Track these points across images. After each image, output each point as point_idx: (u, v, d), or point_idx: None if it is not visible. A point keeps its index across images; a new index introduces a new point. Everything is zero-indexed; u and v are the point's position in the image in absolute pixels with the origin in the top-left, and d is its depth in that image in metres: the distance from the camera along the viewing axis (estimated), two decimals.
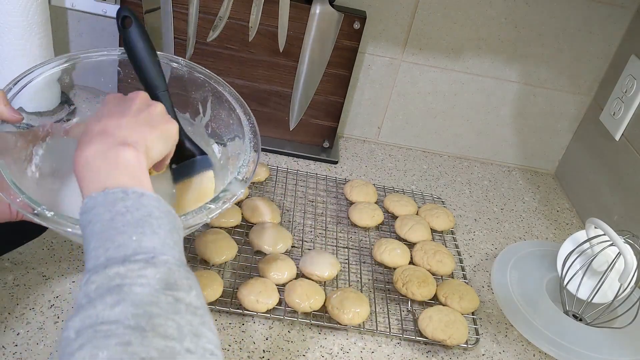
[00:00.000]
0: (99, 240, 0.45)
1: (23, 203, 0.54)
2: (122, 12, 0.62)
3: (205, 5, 0.98)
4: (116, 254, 0.44)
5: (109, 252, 0.44)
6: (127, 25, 0.62)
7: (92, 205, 0.47)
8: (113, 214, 0.46)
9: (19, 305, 0.71)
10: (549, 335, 0.81)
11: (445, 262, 0.89)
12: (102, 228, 0.46)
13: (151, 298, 0.41)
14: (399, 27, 1.09)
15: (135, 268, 0.42)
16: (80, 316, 0.40)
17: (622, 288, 0.82)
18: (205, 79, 0.71)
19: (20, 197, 0.54)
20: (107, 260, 0.43)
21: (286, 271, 0.81)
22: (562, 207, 1.16)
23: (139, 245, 0.45)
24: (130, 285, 0.41)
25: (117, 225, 0.45)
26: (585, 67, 1.14)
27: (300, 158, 1.11)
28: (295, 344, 0.74)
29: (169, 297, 0.42)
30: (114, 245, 0.44)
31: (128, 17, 0.62)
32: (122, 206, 0.46)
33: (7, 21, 0.91)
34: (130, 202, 0.47)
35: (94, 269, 0.43)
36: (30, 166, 0.64)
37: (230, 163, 0.69)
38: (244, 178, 0.63)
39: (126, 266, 0.42)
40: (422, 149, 1.24)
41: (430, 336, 0.77)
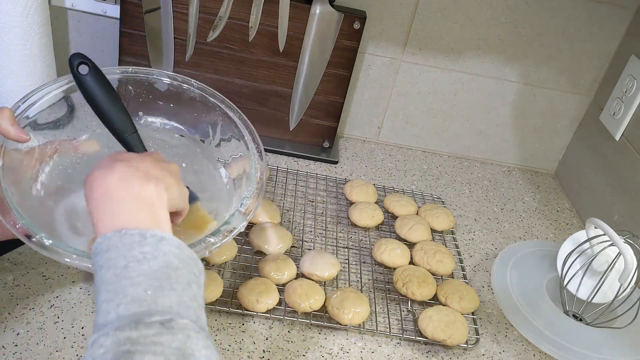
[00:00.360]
0: (110, 292, 0.41)
1: (22, 229, 0.53)
2: (77, 59, 0.57)
3: (205, 5, 0.98)
4: (128, 310, 0.40)
5: (120, 307, 0.40)
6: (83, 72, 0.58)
7: (106, 248, 0.43)
8: (128, 261, 0.42)
9: (19, 305, 0.71)
10: (549, 335, 0.81)
11: (445, 262, 0.89)
12: (115, 277, 0.42)
13: None
14: (399, 27, 1.09)
15: (150, 334, 0.39)
16: None
17: (622, 288, 0.82)
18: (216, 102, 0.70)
19: (20, 223, 0.53)
20: (118, 318, 0.40)
21: (286, 271, 0.81)
22: (562, 207, 1.16)
23: (154, 302, 0.41)
24: (142, 354, 0.37)
25: (131, 275, 0.42)
26: (585, 67, 1.14)
27: (300, 158, 1.11)
28: (295, 344, 0.74)
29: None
30: (126, 299, 0.40)
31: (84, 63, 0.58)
32: (138, 252, 0.43)
33: (7, 21, 0.91)
34: (148, 248, 0.43)
35: (104, 327, 0.39)
36: (35, 184, 0.63)
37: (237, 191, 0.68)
38: (246, 211, 0.61)
39: (139, 330, 0.38)
40: (422, 149, 1.24)
41: (430, 336, 0.77)
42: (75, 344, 0.68)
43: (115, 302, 0.41)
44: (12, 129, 0.59)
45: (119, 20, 1.01)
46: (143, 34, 1.01)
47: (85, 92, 0.58)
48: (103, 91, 0.58)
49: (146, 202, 0.47)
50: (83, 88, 0.58)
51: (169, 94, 0.71)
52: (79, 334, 0.69)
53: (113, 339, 0.38)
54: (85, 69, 0.58)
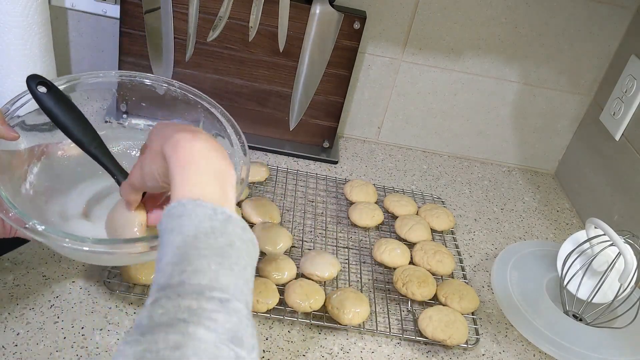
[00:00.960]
0: (176, 256, 0.43)
1: (15, 217, 0.55)
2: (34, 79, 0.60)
3: (205, 5, 0.98)
4: (192, 279, 0.42)
5: (184, 274, 0.42)
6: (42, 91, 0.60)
7: (179, 213, 0.46)
8: (198, 231, 0.44)
9: (19, 305, 0.71)
10: (549, 335, 0.81)
11: (445, 262, 0.89)
12: (183, 243, 0.44)
13: (214, 350, 0.39)
14: (399, 27, 1.09)
15: (208, 308, 0.40)
16: (140, 346, 0.39)
17: (622, 288, 0.82)
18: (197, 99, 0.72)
19: (13, 212, 0.55)
20: (181, 284, 0.42)
21: (286, 271, 0.81)
22: (562, 207, 1.16)
23: (216, 278, 0.43)
24: (197, 325, 0.39)
25: (198, 246, 0.44)
26: (585, 67, 1.14)
27: (300, 158, 1.11)
28: (295, 344, 0.74)
29: (231, 353, 0.40)
30: (191, 267, 0.43)
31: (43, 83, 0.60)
32: (208, 226, 0.45)
33: (7, 21, 0.91)
34: (217, 224, 0.46)
35: (166, 288, 0.42)
36: (24, 184, 0.65)
37: None
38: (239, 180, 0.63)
39: (200, 302, 0.40)
40: (422, 149, 1.24)
41: (430, 336, 0.77)
42: (75, 344, 0.68)
43: (180, 267, 0.42)
44: (3, 127, 0.61)
45: (119, 20, 1.01)
46: (143, 34, 1.01)
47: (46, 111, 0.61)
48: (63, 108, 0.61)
49: (220, 179, 0.49)
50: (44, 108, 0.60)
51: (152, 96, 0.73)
52: (79, 334, 0.69)
53: (174, 304, 0.40)
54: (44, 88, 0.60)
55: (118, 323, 0.71)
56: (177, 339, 0.38)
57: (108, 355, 0.67)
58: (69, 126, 0.61)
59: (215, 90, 1.06)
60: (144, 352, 0.38)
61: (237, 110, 1.09)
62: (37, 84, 0.60)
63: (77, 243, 0.55)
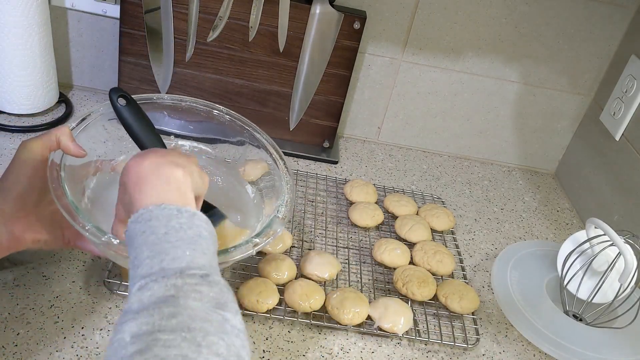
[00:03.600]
0: (153, 251, 0.47)
1: (92, 231, 0.58)
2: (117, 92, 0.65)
3: (205, 5, 0.98)
4: (171, 265, 0.46)
5: (163, 262, 0.46)
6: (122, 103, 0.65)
7: (147, 217, 0.49)
8: (168, 229, 0.49)
9: (19, 305, 0.71)
10: (549, 335, 0.81)
11: (445, 262, 0.89)
12: (157, 240, 0.48)
13: (205, 315, 0.43)
14: (399, 27, 1.09)
15: (192, 282, 0.45)
16: (136, 322, 0.42)
17: (622, 288, 0.82)
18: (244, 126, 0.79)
19: (89, 226, 0.58)
20: (162, 270, 0.46)
21: (286, 271, 0.81)
22: (562, 207, 1.16)
23: (192, 260, 0.47)
24: (186, 298, 0.43)
25: (170, 240, 0.48)
26: (585, 67, 1.14)
27: (300, 158, 1.11)
28: (295, 344, 0.74)
29: (219, 317, 0.44)
30: (168, 257, 0.47)
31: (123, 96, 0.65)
32: (176, 222, 0.49)
33: (7, 21, 0.91)
34: (184, 220, 0.50)
35: (149, 276, 0.45)
36: (84, 198, 0.69)
37: (265, 203, 0.76)
38: (283, 216, 0.68)
39: (183, 279, 0.45)
40: (422, 149, 1.24)
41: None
42: (75, 344, 0.68)
43: (158, 258, 0.47)
44: (72, 145, 0.64)
45: (119, 20, 1.01)
46: (143, 34, 1.01)
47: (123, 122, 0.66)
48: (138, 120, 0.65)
49: (175, 185, 0.53)
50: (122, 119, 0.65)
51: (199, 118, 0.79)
52: (79, 334, 0.69)
53: (160, 284, 0.44)
54: (123, 101, 0.65)
55: None
56: (170, 310, 0.42)
57: None
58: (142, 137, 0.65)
59: (215, 90, 1.07)
60: (141, 325, 0.41)
61: (237, 110, 1.08)
62: (118, 97, 0.65)
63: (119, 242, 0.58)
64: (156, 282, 0.45)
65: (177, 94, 0.80)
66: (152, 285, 0.44)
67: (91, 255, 0.80)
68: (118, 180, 0.56)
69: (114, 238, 0.58)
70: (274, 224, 0.67)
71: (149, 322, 0.41)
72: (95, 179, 0.72)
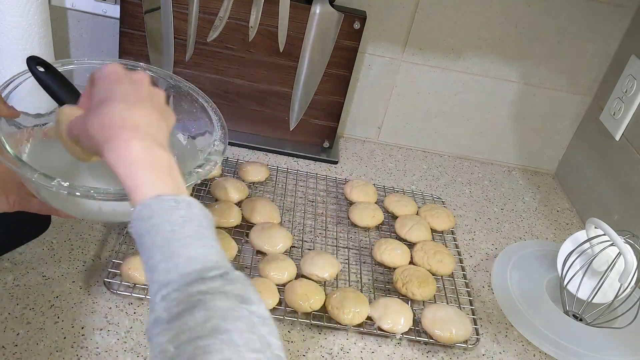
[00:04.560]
0: (164, 254, 0.47)
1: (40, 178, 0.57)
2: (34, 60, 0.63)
3: (205, 5, 0.98)
4: (187, 268, 0.46)
5: (179, 267, 0.46)
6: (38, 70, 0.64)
7: (148, 215, 0.48)
8: (172, 226, 0.48)
9: (19, 305, 0.71)
10: (549, 335, 0.81)
11: (445, 262, 0.89)
12: (165, 241, 0.47)
13: (234, 313, 0.44)
14: (399, 27, 1.09)
15: (216, 285, 0.45)
16: (172, 332, 0.42)
17: (622, 288, 0.81)
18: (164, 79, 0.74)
19: (35, 175, 0.57)
20: (181, 276, 0.45)
21: (286, 271, 0.81)
22: (562, 207, 1.16)
23: (206, 258, 0.47)
24: (213, 300, 0.44)
25: (179, 237, 0.48)
26: (585, 67, 1.14)
27: (300, 158, 1.11)
28: (295, 344, 0.74)
29: (245, 311, 0.44)
30: (182, 259, 0.46)
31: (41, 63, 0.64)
32: (177, 217, 0.48)
33: (7, 21, 0.91)
34: (183, 212, 0.49)
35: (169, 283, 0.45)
36: None
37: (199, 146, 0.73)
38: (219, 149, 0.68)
39: (207, 284, 0.45)
40: (422, 149, 1.24)
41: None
42: (75, 344, 0.68)
43: (173, 262, 0.46)
44: (3, 106, 0.63)
45: (119, 20, 1.01)
46: (143, 34, 1.01)
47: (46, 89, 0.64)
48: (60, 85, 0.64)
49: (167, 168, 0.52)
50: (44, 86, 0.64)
51: None
52: (79, 334, 0.69)
53: (184, 293, 0.44)
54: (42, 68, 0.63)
55: (118, 323, 0.71)
56: (203, 314, 0.43)
57: (108, 355, 0.67)
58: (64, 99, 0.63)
59: (215, 90, 1.06)
60: (178, 335, 0.42)
61: (237, 110, 1.09)
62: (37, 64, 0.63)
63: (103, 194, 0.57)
64: (180, 292, 0.44)
65: None
66: (176, 295, 0.44)
67: (91, 255, 0.80)
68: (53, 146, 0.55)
69: (63, 181, 0.56)
70: (212, 155, 0.67)
71: (185, 329, 0.42)
72: (30, 145, 0.70)
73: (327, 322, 0.77)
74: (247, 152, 1.09)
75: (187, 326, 0.42)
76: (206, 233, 0.49)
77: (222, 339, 0.42)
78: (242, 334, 0.43)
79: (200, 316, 0.43)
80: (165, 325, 0.43)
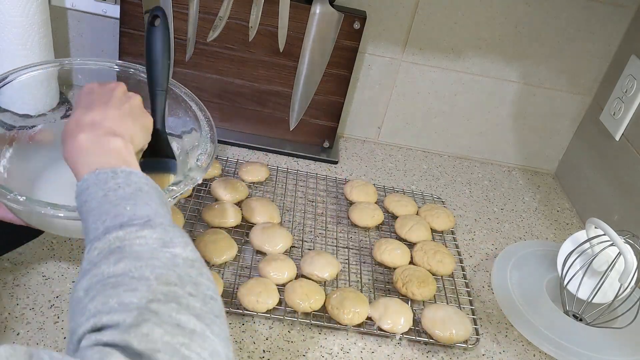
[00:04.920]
0: (95, 215, 0.48)
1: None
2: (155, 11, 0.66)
3: (205, 5, 0.98)
4: (113, 222, 0.46)
5: (106, 222, 0.47)
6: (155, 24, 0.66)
7: (85, 187, 0.50)
8: (106, 191, 0.49)
9: (19, 305, 0.71)
10: (549, 335, 0.81)
11: (445, 262, 0.89)
12: (97, 204, 0.48)
13: (151, 254, 0.44)
14: (399, 27, 1.09)
15: (133, 230, 0.45)
16: (86, 277, 0.43)
17: (622, 288, 0.82)
18: None
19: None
20: (106, 229, 0.46)
21: (286, 271, 0.81)
22: (562, 207, 1.16)
23: (134, 213, 0.47)
24: (130, 245, 0.44)
25: (111, 200, 0.48)
26: (585, 67, 1.14)
27: (300, 158, 1.11)
28: (295, 344, 0.74)
29: (167, 253, 0.44)
30: (109, 216, 0.47)
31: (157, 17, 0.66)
32: (113, 183, 0.49)
33: (7, 21, 0.91)
34: (121, 180, 0.50)
35: (95, 238, 0.46)
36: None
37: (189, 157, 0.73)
38: (202, 165, 0.66)
39: (124, 229, 0.45)
40: (422, 149, 1.24)
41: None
42: None
43: (101, 220, 0.47)
44: None
45: (119, 20, 1.01)
46: (143, 34, 1.01)
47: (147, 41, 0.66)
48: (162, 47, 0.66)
49: (115, 153, 0.53)
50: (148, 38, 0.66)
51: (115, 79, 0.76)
52: None
53: (104, 241, 0.45)
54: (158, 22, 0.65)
55: None
56: (116, 257, 0.43)
57: None
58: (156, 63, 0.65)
59: (215, 90, 1.06)
60: (91, 278, 0.42)
61: (237, 110, 1.09)
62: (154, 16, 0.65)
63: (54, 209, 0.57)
64: (100, 241, 0.45)
65: None
66: (97, 244, 0.45)
67: None
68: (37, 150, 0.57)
69: (20, 195, 0.57)
70: (192, 172, 0.66)
71: (97, 273, 0.42)
72: (12, 149, 0.71)
73: (327, 322, 0.77)
74: (247, 152, 1.09)
75: (100, 269, 0.42)
76: (143, 196, 0.49)
77: (132, 276, 0.41)
78: (155, 269, 0.42)
79: (114, 258, 0.43)
80: (83, 273, 0.43)
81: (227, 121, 1.10)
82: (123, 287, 0.40)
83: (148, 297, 0.40)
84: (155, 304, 0.40)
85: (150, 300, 0.40)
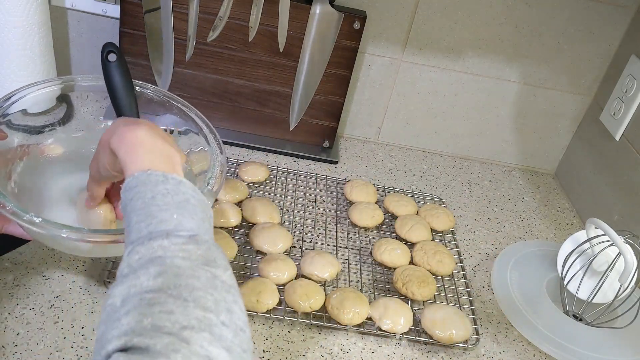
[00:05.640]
0: (140, 215, 0.47)
1: (12, 211, 0.57)
2: (108, 47, 0.66)
3: (205, 5, 0.98)
4: (158, 228, 0.46)
5: (151, 226, 0.46)
6: (111, 60, 0.66)
7: (134, 184, 0.49)
8: (154, 194, 0.48)
9: (19, 305, 0.71)
10: (549, 335, 0.81)
11: (445, 262, 0.89)
12: (144, 205, 0.48)
13: (192, 272, 0.43)
14: (399, 27, 1.09)
15: (179, 242, 0.45)
16: (125, 285, 0.42)
17: (622, 288, 0.82)
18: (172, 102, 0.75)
19: (9, 206, 0.57)
20: (150, 233, 0.45)
21: (286, 271, 0.81)
22: (562, 207, 1.16)
23: (180, 223, 0.47)
24: (172, 257, 0.43)
25: (158, 203, 0.48)
26: (585, 67, 1.14)
27: (300, 158, 1.11)
28: (295, 344, 0.74)
29: (208, 273, 0.44)
30: (155, 220, 0.47)
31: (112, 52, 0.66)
32: (162, 188, 0.49)
33: (7, 21, 0.91)
34: (171, 186, 0.50)
35: (137, 240, 0.45)
36: (10, 182, 0.67)
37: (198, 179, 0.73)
38: (212, 188, 0.66)
39: (170, 240, 0.45)
40: (422, 149, 1.24)
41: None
42: (75, 344, 0.68)
43: (146, 222, 0.47)
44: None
45: (119, 20, 1.01)
46: (143, 34, 1.01)
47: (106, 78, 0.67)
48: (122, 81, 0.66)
49: (166, 156, 0.53)
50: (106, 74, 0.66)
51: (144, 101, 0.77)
52: (79, 334, 0.69)
53: (147, 247, 0.44)
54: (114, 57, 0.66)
55: None
56: (157, 269, 0.42)
57: None
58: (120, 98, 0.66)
59: (215, 90, 1.07)
60: (129, 288, 0.42)
61: (237, 110, 1.09)
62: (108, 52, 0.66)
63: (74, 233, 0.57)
64: (143, 245, 0.44)
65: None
66: (139, 249, 0.44)
67: None
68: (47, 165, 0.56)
69: (35, 217, 0.57)
70: None
71: (137, 283, 0.42)
72: (23, 163, 0.70)
73: (327, 322, 0.77)
74: (247, 152, 1.09)
75: (139, 280, 0.42)
76: (190, 208, 0.49)
77: (170, 294, 0.41)
78: (194, 291, 0.41)
79: (154, 270, 0.42)
80: (121, 279, 0.43)
81: (227, 121, 1.10)
82: (159, 307, 0.40)
83: (182, 324, 0.39)
84: (188, 331, 0.39)
85: (184, 327, 0.39)
